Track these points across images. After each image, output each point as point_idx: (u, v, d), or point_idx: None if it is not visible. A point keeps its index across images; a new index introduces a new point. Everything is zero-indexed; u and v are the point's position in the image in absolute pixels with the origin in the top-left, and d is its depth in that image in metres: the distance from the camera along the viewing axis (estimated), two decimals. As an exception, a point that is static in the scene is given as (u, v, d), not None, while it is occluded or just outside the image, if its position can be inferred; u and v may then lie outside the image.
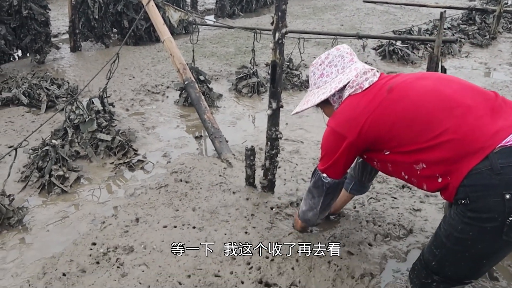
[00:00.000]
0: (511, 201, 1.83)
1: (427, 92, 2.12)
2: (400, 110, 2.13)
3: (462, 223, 2.00)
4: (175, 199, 3.41)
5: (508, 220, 1.86)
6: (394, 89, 2.20)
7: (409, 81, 2.22)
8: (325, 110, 2.61)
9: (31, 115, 5.13)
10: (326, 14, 10.72)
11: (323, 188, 2.51)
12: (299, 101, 5.67)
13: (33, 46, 6.76)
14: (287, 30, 3.04)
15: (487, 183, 1.88)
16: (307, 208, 2.71)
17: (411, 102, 2.11)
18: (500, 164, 1.85)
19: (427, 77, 2.25)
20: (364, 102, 2.24)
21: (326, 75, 2.49)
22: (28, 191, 3.71)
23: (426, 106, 2.07)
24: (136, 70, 6.69)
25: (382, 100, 2.19)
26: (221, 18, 10.53)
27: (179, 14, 5.30)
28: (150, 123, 5.07)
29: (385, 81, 2.30)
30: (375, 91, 2.25)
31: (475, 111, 2.00)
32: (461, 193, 1.98)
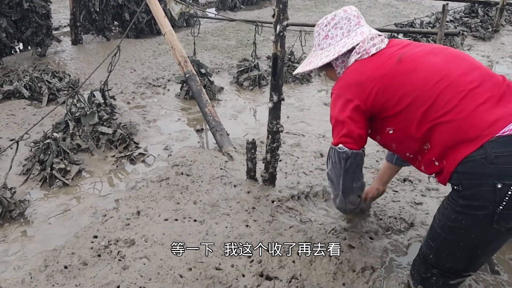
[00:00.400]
0: (502, 190, 1.84)
1: (436, 71, 2.07)
2: (408, 83, 2.09)
3: (454, 212, 2.02)
4: (176, 192, 3.41)
5: (499, 209, 1.87)
6: (404, 61, 2.15)
7: (420, 54, 2.16)
8: (328, 73, 2.55)
9: (33, 108, 5.13)
10: (328, 6, 10.68)
11: (341, 162, 2.30)
12: (300, 94, 5.69)
13: (34, 39, 6.76)
14: (289, 22, 3.02)
15: (480, 172, 1.88)
16: (333, 196, 2.57)
17: (420, 78, 2.07)
18: (494, 154, 1.85)
19: (438, 52, 2.18)
20: (371, 68, 2.19)
21: (331, 37, 2.40)
22: (29, 184, 3.72)
23: (433, 85, 2.04)
24: (137, 63, 6.68)
25: (390, 69, 2.14)
26: (223, 11, 10.50)
27: (180, 7, 5.29)
28: (151, 116, 5.07)
29: (394, 50, 2.24)
30: (383, 59, 2.20)
31: (479, 97, 1.97)
32: (454, 179, 1.99)
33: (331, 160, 2.35)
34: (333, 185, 2.46)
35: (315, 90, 5.88)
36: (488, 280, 2.66)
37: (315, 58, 2.47)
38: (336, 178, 2.39)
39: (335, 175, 2.38)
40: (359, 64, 2.26)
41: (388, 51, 2.23)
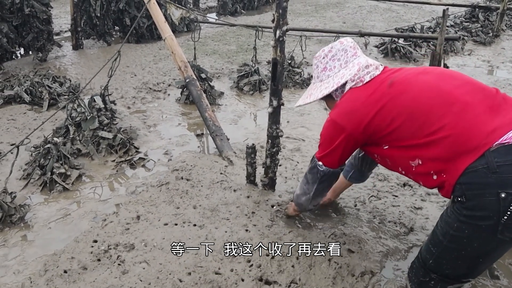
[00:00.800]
0: (506, 200, 1.82)
1: (427, 88, 2.11)
2: (400, 105, 2.13)
3: (458, 221, 2.00)
4: (176, 196, 3.42)
5: (503, 219, 1.85)
6: (395, 84, 2.20)
7: (410, 76, 2.21)
8: (328, 103, 2.64)
9: (33, 113, 5.15)
10: (328, 11, 10.71)
11: (318, 175, 2.55)
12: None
13: (35, 44, 6.78)
14: (288, 27, 3.04)
15: (483, 182, 1.87)
16: (301, 192, 2.77)
17: (411, 97, 2.11)
18: (496, 163, 1.84)
19: (429, 72, 2.23)
20: (365, 96, 2.26)
21: (329, 69, 2.50)
22: (30, 188, 3.72)
23: (426, 101, 2.07)
24: (137, 68, 6.70)
25: (382, 94, 2.20)
26: (223, 16, 10.53)
27: (180, 12, 5.31)
28: (152, 121, 5.08)
29: (387, 75, 2.30)
30: (376, 85, 2.26)
31: (474, 108, 1.99)
32: (457, 190, 1.98)
33: (311, 166, 2.60)
34: (307, 185, 2.69)
35: (315, 95, 5.88)
36: (487, 285, 2.66)
37: (315, 90, 2.56)
38: (311, 182, 2.64)
39: (312, 180, 2.63)
40: (354, 91, 2.34)
41: (381, 77, 2.31)
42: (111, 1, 7.79)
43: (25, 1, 6.37)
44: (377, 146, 2.31)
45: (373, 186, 3.64)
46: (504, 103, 2.03)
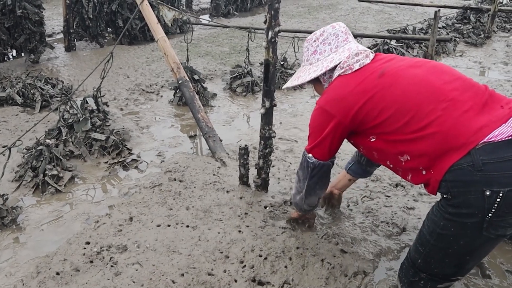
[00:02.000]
0: (491, 197, 1.84)
1: (416, 83, 2.11)
2: (389, 97, 2.12)
3: (443, 219, 2.02)
4: (169, 198, 3.41)
5: (488, 216, 1.88)
6: (385, 75, 2.18)
7: (402, 68, 2.20)
8: (316, 88, 2.61)
9: (25, 114, 5.13)
10: (321, 13, 10.73)
11: (308, 169, 2.49)
12: (293, 100, 5.71)
13: (27, 45, 6.75)
14: (281, 29, 3.05)
15: (468, 179, 1.88)
16: (295, 191, 2.73)
17: (401, 90, 2.11)
18: (481, 161, 1.86)
19: (420, 65, 2.22)
20: (353, 84, 2.23)
21: (319, 53, 2.47)
22: (22, 190, 3.71)
23: (415, 96, 2.07)
24: (130, 70, 6.69)
25: (371, 84, 2.18)
26: (216, 17, 10.53)
27: (173, 13, 5.31)
28: (145, 122, 5.07)
29: (378, 64, 2.28)
30: (366, 74, 2.24)
31: (462, 105, 2.00)
32: (443, 187, 1.99)
33: (301, 161, 2.55)
34: (299, 182, 2.64)
35: (308, 96, 5.90)
36: (479, 284, 2.68)
37: (303, 73, 2.54)
38: (302, 178, 2.58)
39: (302, 175, 2.57)
40: (342, 79, 2.31)
41: (371, 66, 2.28)
42: (103, 3, 7.77)
43: (17, 2, 6.34)
44: (363, 137, 2.30)
45: (366, 186, 3.65)
46: (491, 101, 2.04)
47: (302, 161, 2.54)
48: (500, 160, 1.84)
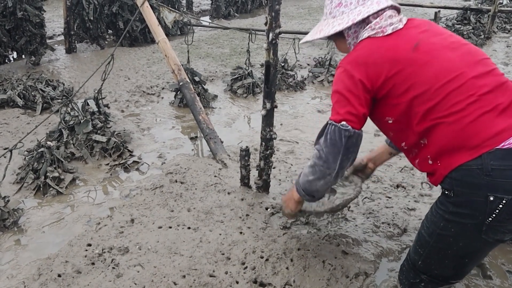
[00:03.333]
0: (493, 203, 1.83)
1: (449, 69, 1.99)
2: (420, 75, 1.99)
3: (444, 219, 2.00)
4: (170, 199, 3.42)
5: (488, 220, 1.87)
6: (419, 50, 2.03)
7: (437, 46, 2.05)
8: (338, 43, 2.38)
9: (26, 116, 5.13)
10: (321, 14, 10.72)
11: (342, 141, 2.10)
12: (294, 101, 5.71)
13: (28, 47, 6.76)
14: (282, 30, 3.05)
15: (475, 182, 1.86)
16: (317, 176, 2.26)
17: (432, 73, 1.98)
18: (491, 166, 1.83)
19: (456, 47, 2.07)
20: (384, 49, 2.07)
21: (344, 5, 2.24)
22: (23, 192, 3.72)
23: (444, 84, 1.96)
24: (131, 71, 6.70)
25: (404, 56, 2.03)
26: (217, 19, 10.55)
27: (173, 15, 5.31)
28: (145, 124, 5.08)
29: (412, 32, 2.10)
30: (399, 42, 2.07)
31: (488, 103, 1.91)
32: (446, 183, 1.97)
33: (329, 137, 2.13)
34: (326, 164, 2.18)
35: (309, 97, 5.91)
36: (480, 285, 2.68)
37: (326, 26, 2.30)
38: (332, 157, 2.14)
39: (332, 153, 2.14)
40: (373, 42, 2.12)
41: (405, 33, 2.11)
42: (104, 5, 7.78)
43: (18, 5, 6.35)
44: (381, 114, 2.17)
45: (367, 187, 3.65)
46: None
47: (329, 136, 2.13)
48: (509, 167, 1.82)
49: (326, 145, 2.16)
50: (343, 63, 2.15)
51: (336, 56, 6.99)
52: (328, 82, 6.28)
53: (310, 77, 6.46)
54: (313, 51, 7.74)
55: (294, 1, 12.33)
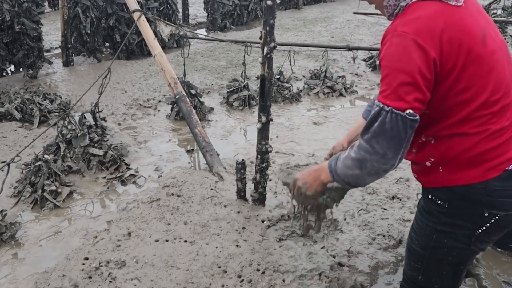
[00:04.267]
0: (487, 218, 1.84)
1: (503, 80, 1.79)
2: (483, 81, 1.74)
3: (436, 232, 1.95)
4: (167, 213, 3.44)
5: (478, 232, 1.87)
6: (487, 45, 1.75)
7: (496, 47, 1.79)
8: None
9: (24, 130, 5.15)
10: (316, 26, 10.81)
11: (407, 132, 1.69)
12: (290, 113, 5.74)
13: (25, 61, 6.79)
14: (278, 42, 3.09)
15: (475, 199, 1.84)
16: (367, 171, 1.82)
17: (494, 84, 1.76)
18: (494, 187, 1.81)
19: (506, 52, 1.85)
20: (459, 27, 1.70)
21: None
22: (20, 206, 3.73)
23: (499, 98, 1.77)
24: (128, 85, 6.73)
25: (476, 48, 1.71)
26: (213, 31, 10.60)
27: (170, 29, 5.36)
28: (142, 137, 5.10)
29: (475, 14, 1.78)
30: (471, 23, 1.73)
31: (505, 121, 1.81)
32: (444, 194, 1.89)
33: (389, 127, 1.69)
34: (383, 160, 1.75)
35: (305, 109, 5.95)
36: (475, 296, 2.70)
37: None
38: (393, 151, 1.73)
39: (393, 147, 1.72)
40: (445, 9, 1.71)
41: (471, 14, 1.77)
42: (101, 18, 7.82)
43: (16, 18, 6.39)
44: None
45: (362, 199, 3.68)
46: None
47: (389, 126, 1.69)
48: (509, 188, 1.82)
49: (384, 137, 1.72)
50: (406, 29, 1.67)
51: (332, 67, 7.05)
52: (324, 94, 6.32)
53: (306, 89, 6.50)
54: (308, 63, 7.79)
55: (289, 13, 12.41)
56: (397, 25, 1.71)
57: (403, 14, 1.74)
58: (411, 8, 1.74)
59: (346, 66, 7.66)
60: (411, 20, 1.69)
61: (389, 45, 1.70)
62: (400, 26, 1.69)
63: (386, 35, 1.75)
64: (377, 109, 1.71)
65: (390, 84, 1.68)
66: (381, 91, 1.73)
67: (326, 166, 2.02)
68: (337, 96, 6.33)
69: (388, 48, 1.71)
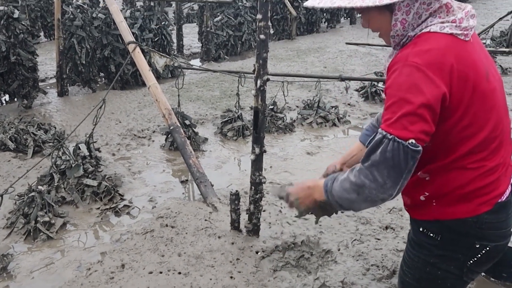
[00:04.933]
0: (478, 249, 1.86)
1: (501, 119, 1.82)
2: (485, 119, 1.75)
3: (428, 264, 1.95)
4: (161, 244, 3.43)
5: (469, 263, 1.89)
6: (490, 83, 1.76)
7: (497, 85, 1.82)
8: (376, 18, 1.83)
9: (18, 160, 5.15)
10: (309, 56, 10.94)
11: (408, 163, 1.65)
12: (283, 143, 5.77)
13: (20, 91, 6.83)
14: (271, 73, 3.14)
15: (466, 231, 1.85)
16: (364, 197, 1.75)
17: (493, 124, 1.78)
18: (485, 219, 1.83)
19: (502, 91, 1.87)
20: (468, 63, 1.69)
21: None
22: (13, 237, 3.71)
23: (496, 136, 1.80)
24: (122, 115, 6.77)
25: (481, 84, 1.72)
26: (207, 62, 10.71)
27: (164, 60, 5.42)
28: (136, 167, 5.12)
29: (478, 50, 1.78)
30: (477, 59, 1.73)
31: (507, 160, 1.88)
32: (436, 226, 1.90)
33: (390, 156, 1.65)
34: (381, 189, 1.70)
35: (298, 139, 5.99)
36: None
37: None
38: (392, 181, 1.68)
39: (393, 177, 1.67)
40: (456, 44, 1.69)
41: (476, 49, 1.77)
42: (96, 49, 7.91)
43: (11, 49, 6.46)
44: None
45: (356, 229, 3.69)
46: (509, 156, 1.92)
47: (390, 154, 1.64)
48: (498, 220, 1.85)
49: (385, 166, 1.67)
50: (418, 60, 1.64)
51: (325, 98, 7.12)
52: (317, 124, 6.37)
53: (299, 119, 6.56)
54: (301, 93, 7.87)
55: (282, 44, 12.56)
56: (408, 54, 1.68)
57: (414, 44, 1.72)
58: (422, 39, 1.71)
59: (339, 96, 7.75)
60: (423, 51, 1.66)
61: (399, 74, 1.67)
62: (412, 56, 1.66)
63: (396, 63, 1.71)
64: (379, 137, 1.68)
65: (395, 113, 1.65)
66: (385, 119, 1.68)
67: (321, 185, 1.96)
68: (330, 126, 6.38)
69: (398, 77, 1.67)
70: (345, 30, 14.42)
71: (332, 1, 1.74)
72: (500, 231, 1.87)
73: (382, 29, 1.84)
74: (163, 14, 9.25)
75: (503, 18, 11.63)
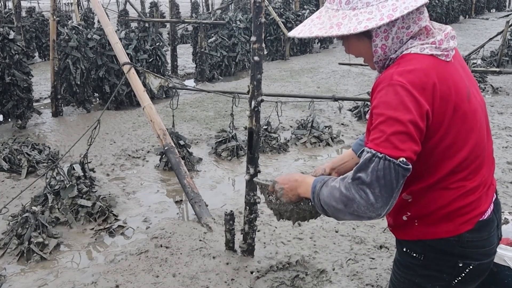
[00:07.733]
0: (461, 268, 1.86)
1: (481, 142, 1.84)
2: (465, 140, 1.77)
3: (414, 284, 1.95)
4: (155, 265, 3.42)
5: (454, 282, 1.89)
6: (471, 104, 1.78)
7: (478, 107, 1.84)
8: (353, 44, 1.86)
9: (11, 181, 5.14)
10: (303, 76, 11.03)
11: (398, 182, 1.63)
12: (278, 163, 5.79)
13: (15, 111, 6.84)
14: (265, 94, 3.17)
15: (449, 251, 1.86)
16: (351, 211, 1.69)
17: (473, 144, 1.80)
18: (467, 238, 1.84)
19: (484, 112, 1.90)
20: (449, 83, 1.72)
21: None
22: (6, 258, 3.69)
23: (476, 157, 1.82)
24: (117, 135, 6.78)
25: (462, 105, 1.74)
26: (201, 82, 10.76)
27: (159, 81, 5.47)
28: (131, 188, 5.12)
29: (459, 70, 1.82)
30: (458, 81, 1.76)
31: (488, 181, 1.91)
32: (419, 246, 1.90)
33: (381, 175, 1.62)
34: (371, 207, 1.65)
35: (292, 159, 6.01)
36: None
37: (345, 19, 1.74)
38: (383, 201, 1.64)
39: (384, 196, 1.64)
40: (438, 65, 1.73)
41: (457, 70, 1.80)
42: (91, 69, 7.95)
43: (6, 70, 6.48)
44: None
45: (351, 249, 3.70)
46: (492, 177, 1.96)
47: (380, 173, 1.61)
48: (480, 239, 1.86)
49: (376, 185, 1.63)
50: (402, 80, 1.65)
51: (318, 117, 7.17)
52: (311, 144, 6.40)
53: (293, 139, 6.59)
54: (295, 113, 7.92)
55: (276, 64, 12.67)
56: (392, 74, 1.68)
57: (397, 65, 1.73)
58: (405, 59, 1.73)
59: (332, 116, 7.80)
60: (407, 71, 1.67)
61: (385, 93, 1.67)
62: (396, 75, 1.67)
63: (380, 83, 1.71)
64: (368, 155, 1.63)
65: (384, 132, 1.63)
66: (372, 138, 1.66)
67: (309, 182, 1.91)
68: (324, 146, 6.41)
69: (384, 96, 1.67)
70: (338, 51, 14.55)
71: (311, 31, 1.79)
72: (483, 249, 1.88)
73: (363, 55, 1.87)
74: (157, 35, 9.31)
75: (493, 39, 11.83)
